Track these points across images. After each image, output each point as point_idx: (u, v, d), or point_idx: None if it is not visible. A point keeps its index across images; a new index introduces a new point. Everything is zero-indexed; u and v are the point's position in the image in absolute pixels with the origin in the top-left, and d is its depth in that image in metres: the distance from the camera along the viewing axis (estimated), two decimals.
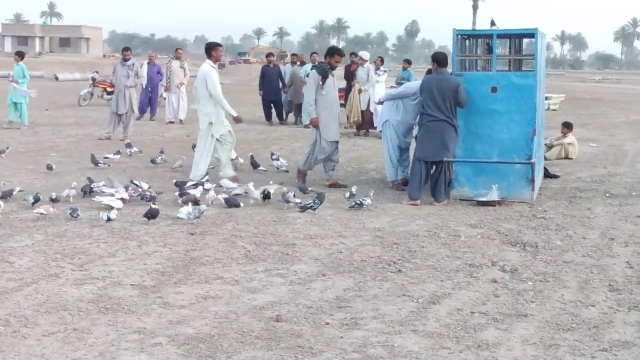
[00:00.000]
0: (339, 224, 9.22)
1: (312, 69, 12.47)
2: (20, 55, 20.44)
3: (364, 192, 10.50)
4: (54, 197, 9.83)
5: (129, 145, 14.86)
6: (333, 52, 12.12)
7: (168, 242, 8.23)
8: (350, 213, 9.79)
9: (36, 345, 5.34)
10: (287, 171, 13.13)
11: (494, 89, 10.78)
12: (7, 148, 14.24)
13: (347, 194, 10.31)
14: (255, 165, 13.34)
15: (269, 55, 24.04)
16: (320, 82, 11.68)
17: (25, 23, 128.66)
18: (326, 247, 8.18)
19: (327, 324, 5.86)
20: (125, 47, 19.00)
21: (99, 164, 13.09)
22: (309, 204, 9.76)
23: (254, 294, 6.58)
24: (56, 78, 50.41)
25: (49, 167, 12.53)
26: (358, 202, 10.01)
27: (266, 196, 10.27)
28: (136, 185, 10.73)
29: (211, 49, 12.34)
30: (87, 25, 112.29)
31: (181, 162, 13.27)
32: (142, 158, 14.33)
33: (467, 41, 11.88)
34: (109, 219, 8.88)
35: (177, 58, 22.39)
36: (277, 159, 13.62)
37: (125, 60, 18.12)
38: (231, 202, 10.02)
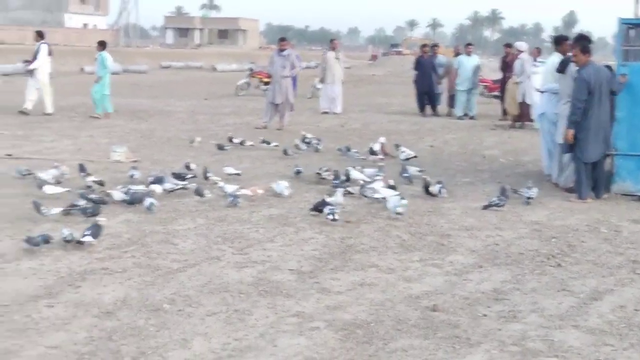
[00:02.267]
0: (495, 216, 9.09)
1: (562, 62, 10.99)
2: (101, 45, 19.89)
3: (521, 185, 10.32)
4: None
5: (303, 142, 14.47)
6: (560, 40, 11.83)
7: (324, 229, 8.35)
8: (508, 205, 9.60)
9: (200, 324, 5.54)
10: (416, 156, 12.88)
11: None
12: (198, 139, 14.54)
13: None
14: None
15: (423, 46, 23.91)
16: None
17: (186, 15, 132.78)
18: (482, 238, 8.09)
19: (485, 315, 5.80)
20: (282, 38, 19.22)
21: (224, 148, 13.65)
22: (494, 201, 9.56)
23: (410, 282, 6.58)
24: (214, 69, 51.93)
25: (220, 147, 13.53)
26: (525, 197, 9.76)
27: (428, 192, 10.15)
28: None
29: None
30: (244, 18, 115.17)
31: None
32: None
33: (632, 31, 11.43)
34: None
35: (333, 49, 22.55)
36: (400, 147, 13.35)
37: (281, 50, 18.39)
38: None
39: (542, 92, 12.87)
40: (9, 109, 19.39)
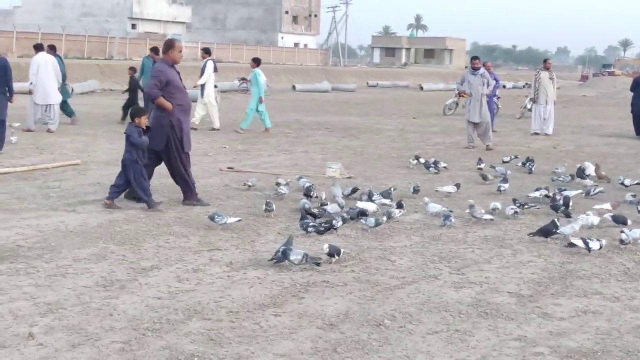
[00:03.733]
0: None
1: None
2: (255, 62, 20.29)
3: None
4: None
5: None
6: None
7: (542, 252, 8.16)
8: None
9: (421, 342, 5.56)
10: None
11: None
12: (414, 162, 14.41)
13: None
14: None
15: None
16: None
17: (393, 35, 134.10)
18: None
19: None
20: (474, 56, 19.05)
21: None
22: None
23: (637, 312, 6.31)
24: (421, 88, 52.15)
25: (484, 177, 12.77)
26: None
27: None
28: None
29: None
30: (451, 37, 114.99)
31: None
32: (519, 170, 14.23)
33: None
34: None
35: (547, 69, 22.04)
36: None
37: (475, 69, 18.17)
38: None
39: None
40: (229, 125, 20.34)
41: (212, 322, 5.82)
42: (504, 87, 24.60)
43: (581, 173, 12.67)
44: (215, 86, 20.63)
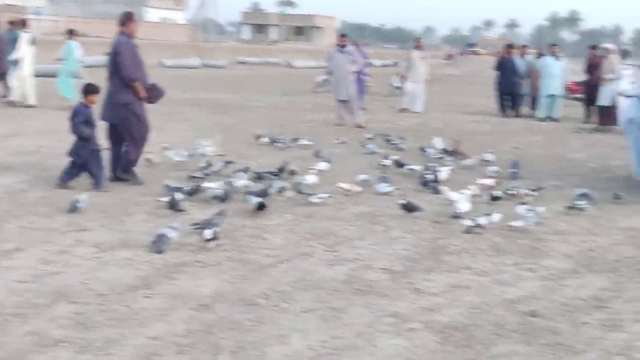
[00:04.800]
0: (588, 221, 8.87)
1: None
2: (70, 33, 19.34)
3: (611, 191, 10.11)
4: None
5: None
6: None
7: (413, 229, 8.26)
8: (601, 210, 9.37)
9: (296, 320, 5.52)
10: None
11: None
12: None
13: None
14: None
15: (509, 46, 23.50)
16: None
17: (263, 12, 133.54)
18: (576, 243, 7.90)
19: (586, 323, 5.65)
20: (342, 34, 19.20)
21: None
22: (579, 203, 9.29)
23: (505, 286, 6.46)
24: (291, 65, 52.15)
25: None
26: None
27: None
28: None
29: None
30: (320, 15, 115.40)
31: None
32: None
33: None
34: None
35: (418, 48, 22.33)
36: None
37: (342, 46, 18.29)
38: None
39: (629, 96, 12.59)
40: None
41: (80, 306, 5.60)
42: (370, 64, 24.82)
43: (447, 150, 12.99)
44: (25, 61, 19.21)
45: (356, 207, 9.19)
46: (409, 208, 8.78)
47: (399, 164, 11.67)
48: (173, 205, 8.53)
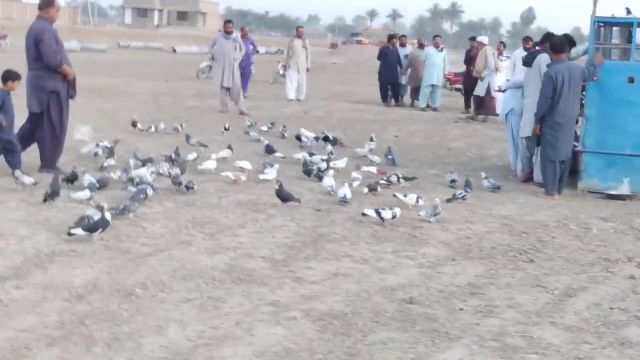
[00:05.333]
0: (465, 209, 9.06)
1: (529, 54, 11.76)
2: None
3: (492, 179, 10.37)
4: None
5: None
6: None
7: (295, 217, 8.25)
8: (475, 199, 9.59)
9: (174, 310, 5.42)
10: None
11: (631, 80, 10.39)
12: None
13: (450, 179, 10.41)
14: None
15: (391, 36, 23.81)
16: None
17: None
18: (453, 231, 8.05)
19: (461, 309, 5.76)
20: (227, 20, 19.15)
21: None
22: (459, 193, 9.45)
23: (384, 274, 6.52)
24: (174, 51, 51.45)
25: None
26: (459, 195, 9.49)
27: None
28: None
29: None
30: (204, 0, 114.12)
31: None
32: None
33: (603, 29, 11.52)
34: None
35: (299, 37, 22.36)
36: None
37: (228, 33, 18.20)
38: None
39: (503, 90, 12.94)
40: None
41: None
42: (257, 52, 24.67)
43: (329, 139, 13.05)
44: None
45: (239, 195, 9.11)
46: (282, 197, 8.73)
47: (269, 150, 11.74)
48: (53, 193, 8.19)
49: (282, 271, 6.45)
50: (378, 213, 8.10)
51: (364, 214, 8.15)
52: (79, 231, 6.81)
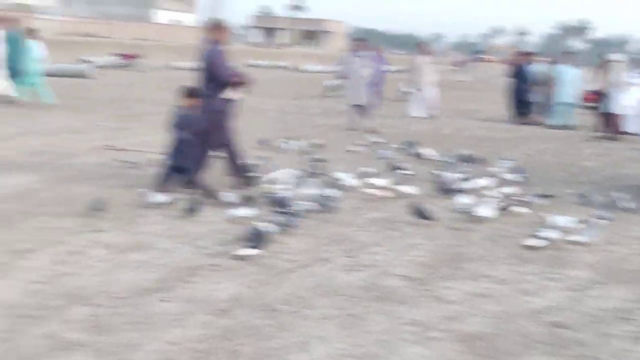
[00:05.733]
0: (605, 231, 8.72)
1: None
2: (30, 32, 18.86)
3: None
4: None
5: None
6: None
7: (430, 235, 8.14)
8: (617, 220, 9.24)
9: (316, 327, 5.41)
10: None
11: None
12: None
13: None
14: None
15: (522, 54, 23.40)
16: None
17: (273, 15, 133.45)
18: (597, 253, 7.77)
19: (611, 334, 5.53)
20: (360, 39, 19.20)
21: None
22: (602, 215, 9.12)
23: (528, 296, 6.34)
24: (300, 70, 52.02)
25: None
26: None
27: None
28: None
29: None
30: (330, 19, 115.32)
31: None
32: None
33: None
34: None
35: (424, 53, 22.22)
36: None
37: (358, 51, 18.28)
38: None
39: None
40: (105, 102, 19.65)
41: (96, 308, 5.50)
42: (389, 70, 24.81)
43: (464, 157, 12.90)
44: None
45: (373, 213, 9.07)
46: (420, 214, 8.66)
47: (396, 167, 11.75)
48: (192, 209, 8.38)
49: (420, 290, 6.36)
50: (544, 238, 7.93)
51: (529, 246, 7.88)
52: (248, 251, 6.96)
